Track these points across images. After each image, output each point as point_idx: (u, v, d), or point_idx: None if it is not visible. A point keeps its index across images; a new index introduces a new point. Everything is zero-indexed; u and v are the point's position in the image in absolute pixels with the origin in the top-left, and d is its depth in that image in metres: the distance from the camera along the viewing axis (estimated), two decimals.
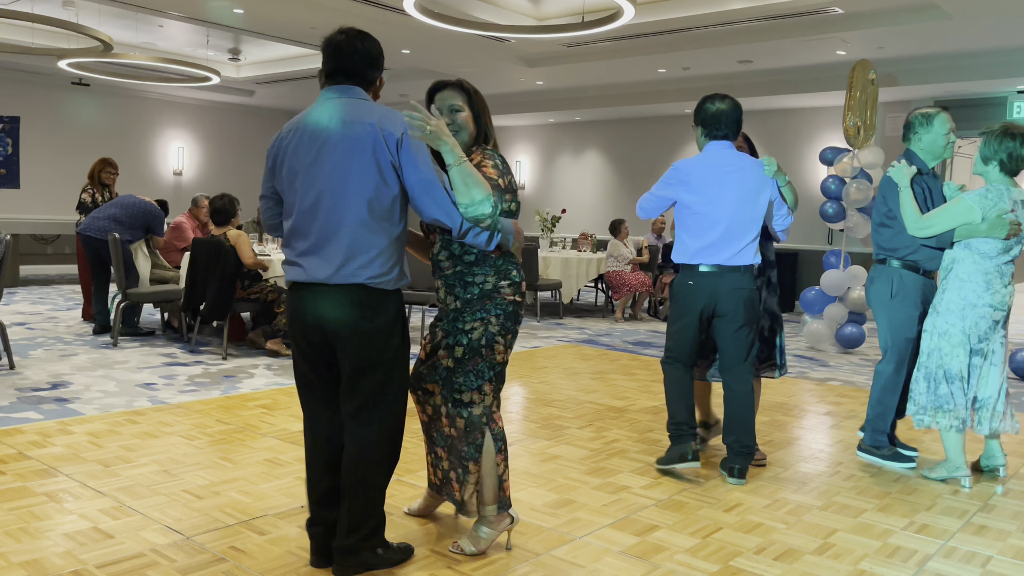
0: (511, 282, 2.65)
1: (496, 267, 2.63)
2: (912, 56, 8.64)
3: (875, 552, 2.87)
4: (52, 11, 8.81)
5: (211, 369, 5.68)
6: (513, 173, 2.65)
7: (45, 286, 10.73)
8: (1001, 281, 3.54)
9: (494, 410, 2.70)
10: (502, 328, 2.63)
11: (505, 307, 2.64)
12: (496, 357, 2.65)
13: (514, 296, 2.65)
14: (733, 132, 3.62)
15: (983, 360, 3.58)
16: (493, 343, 2.63)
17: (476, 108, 2.71)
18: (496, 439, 2.69)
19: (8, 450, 3.69)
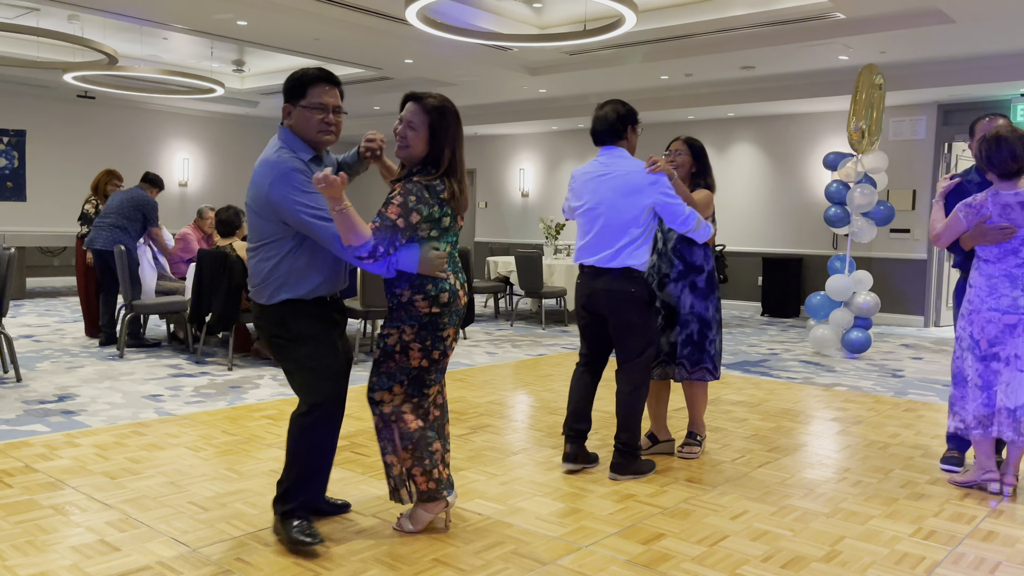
0: (425, 295, 2.78)
1: (411, 282, 2.80)
2: (915, 60, 8.63)
3: (883, 559, 2.86)
4: (57, 25, 8.86)
5: (217, 380, 5.69)
6: (447, 198, 2.79)
7: (52, 298, 10.77)
8: (1011, 285, 3.50)
9: (404, 410, 2.86)
10: (416, 337, 2.81)
11: (419, 318, 2.80)
12: (411, 363, 2.83)
13: (430, 308, 2.79)
14: (613, 136, 3.68)
15: (1004, 366, 3.52)
16: (407, 349, 2.82)
17: (435, 130, 2.77)
18: (403, 437, 2.86)
19: (15, 463, 3.70)
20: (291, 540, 2.77)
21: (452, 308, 2.84)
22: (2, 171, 11.82)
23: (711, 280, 3.92)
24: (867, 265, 9.61)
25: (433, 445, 2.90)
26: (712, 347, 3.92)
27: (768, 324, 10.12)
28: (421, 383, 2.88)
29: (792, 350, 7.89)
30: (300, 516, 2.83)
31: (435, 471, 2.89)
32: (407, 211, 2.70)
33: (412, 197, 2.71)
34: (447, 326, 2.85)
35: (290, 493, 2.85)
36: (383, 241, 2.66)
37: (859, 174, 7.32)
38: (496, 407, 5.11)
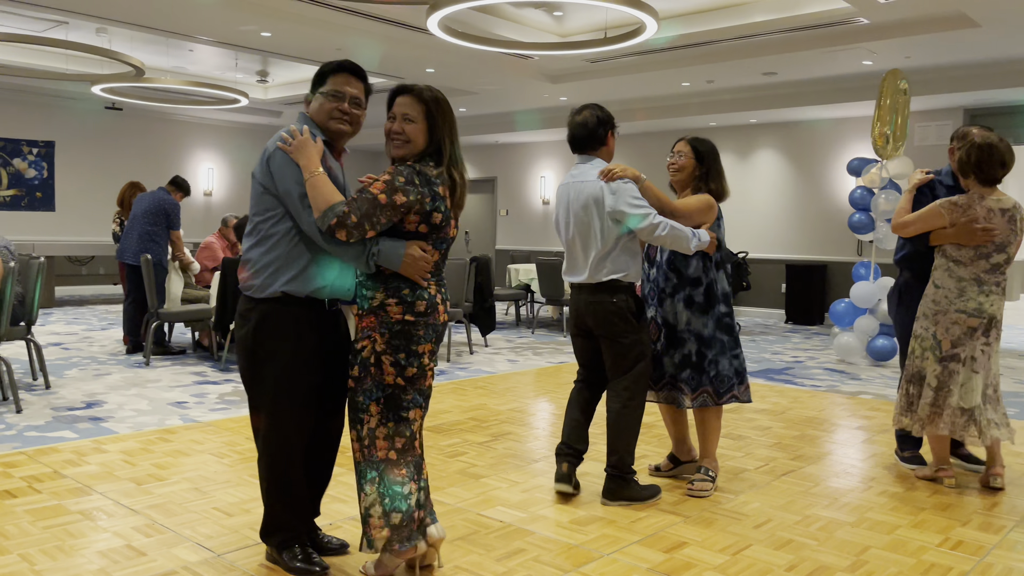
0: (400, 300, 2.53)
1: (386, 283, 2.55)
2: (940, 65, 8.55)
3: (909, 569, 2.83)
4: (86, 38, 9.02)
5: (241, 387, 5.74)
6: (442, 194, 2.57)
7: (80, 307, 10.93)
8: (978, 289, 3.60)
9: (378, 435, 2.55)
10: (388, 346, 2.53)
11: (391, 325, 2.53)
12: (384, 377, 2.54)
13: (403, 315, 2.53)
14: (594, 143, 3.50)
15: (961, 366, 3.63)
16: (380, 361, 2.54)
17: (434, 119, 2.61)
18: (366, 466, 2.57)
19: (44, 469, 3.76)
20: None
21: (429, 321, 2.56)
22: (32, 181, 12.03)
23: (711, 293, 3.58)
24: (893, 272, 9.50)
25: (404, 486, 2.54)
26: (713, 368, 3.53)
27: (792, 332, 10.03)
28: (397, 405, 2.56)
29: (816, 358, 7.81)
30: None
31: (395, 515, 2.52)
32: (392, 189, 2.48)
33: (401, 178, 2.51)
34: (423, 340, 2.55)
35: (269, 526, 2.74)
36: (357, 211, 2.44)
37: (884, 180, 7.26)
38: (517, 415, 5.11)
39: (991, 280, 3.62)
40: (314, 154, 2.54)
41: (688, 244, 3.37)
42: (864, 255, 10.10)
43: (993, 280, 3.63)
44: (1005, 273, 3.66)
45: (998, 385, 3.72)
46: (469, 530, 3.10)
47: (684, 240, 3.36)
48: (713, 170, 3.72)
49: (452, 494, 3.51)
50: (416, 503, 2.57)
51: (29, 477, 3.62)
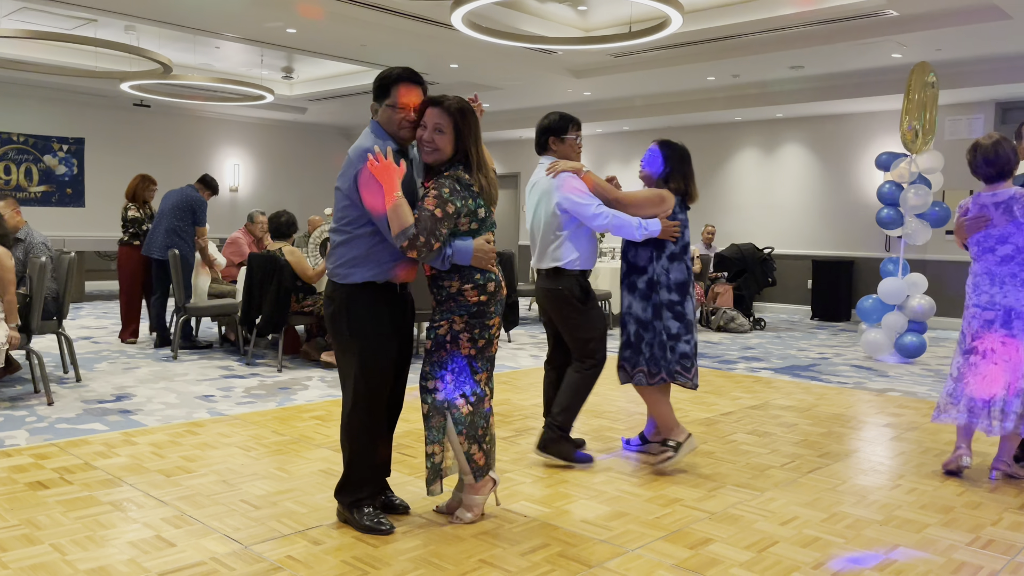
0: (474, 285, 2.95)
1: (460, 273, 2.95)
2: (971, 58, 8.41)
3: (939, 568, 2.79)
4: (114, 35, 9.14)
5: (267, 381, 5.79)
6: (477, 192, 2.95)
7: (109, 301, 11.08)
8: (989, 282, 3.75)
9: (456, 399, 2.99)
10: (466, 326, 2.97)
11: (469, 308, 2.96)
12: (461, 351, 2.99)
13: (478, 297, 2.96)
14: (539, 148, 3.94)
15: (981, 359, 3.75)
16: (457, 339, 2.98)
17: (460, 130, 2.93)
18: (457, 423, 2.99)
19: (75, 460, 3.82)
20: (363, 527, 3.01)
21: (497, 297, 3.00)
22: (62, 178, 12.21)
23: (654, 282, 3.74)
24: (922, 268, 9.38)
25: (481, 429, 3.05)
26: (648, 350, 3.75)
27: (818, 328, 9.94)
28: (470, 371, 3.01)
29: (843, 354, 7.74)
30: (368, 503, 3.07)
31: (484, 452, 3.06)
32: (443, 202, 2.84)
33: (446, 189, 2.86)
34: (494, 315, 3.00)
35: (347, 485, 3.07)
36: (424, 231, 2.79)
37: (913, 174, 7.16)
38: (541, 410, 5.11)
39: (1005, 272, 3.72)
40: (396, 179, 2.82)
41: (633, 232, 3.68)
42: (892, 251, 9.98)
43: (1007, 272, 3.71)
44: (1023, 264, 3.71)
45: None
46: (493, 524, 3.10)
47: (629, 229, 3.67)
48: (676, 171, 3.86)
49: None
50: (490, 444, 3.10)
51: (61, 468, 3.68)
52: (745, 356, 7.53)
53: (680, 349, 3.75)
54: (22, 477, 3.55)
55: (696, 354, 3.84)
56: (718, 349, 7.95)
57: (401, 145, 3.00)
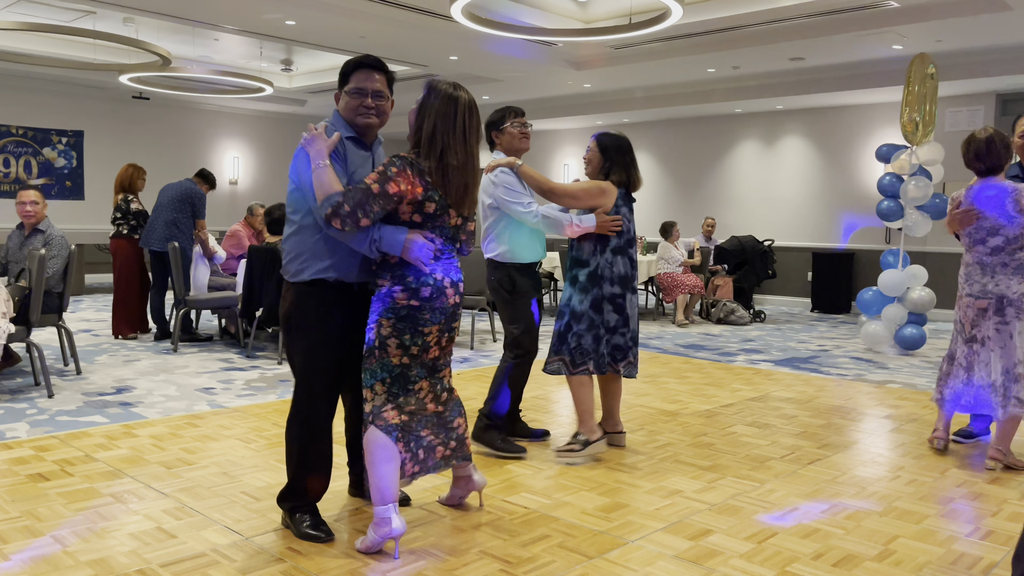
0: (405, 287, 2.68)
1: (392, 271, 2.71)
2: (972, 49, 8.39)
3: (938, 559, 2.80)
4: (113, 28, 9.10)
5: (267, 374, 5.79)
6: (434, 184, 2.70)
7: (109, 294, 11.08)
8: (980, 272, 3.87)
9: (384, 410, 2.73)
10: (394, 330, 2.69)
11: (397, 311, 2.68)
12: (391, 358, 2.71)
13: (408, 301, 2.67)
14: (489, 142, 3.98)
15: (981, 347, 3.89)
16: (386, 345, 2.70)
17: (421, 107, 2.77)
18: (388, 432, 2.71)
19: (76, 452, 3.82)
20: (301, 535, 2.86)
21: (435, 305, 2.70)
22: (61, 170, 12.19)
23: (595, 275, 3.73)
24: (922, 260, 9.37)
25: (420, 431, 2.81)
26: (575, 340, 3.74)
27: (818, 320, 9.94)
28: (405, 380, 2.75)
29: (843, 346, 7.74)
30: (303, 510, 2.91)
31: (419, 452, 2.80)
32: (384, 179, 2.62)
33: (393, 168, 2.64)
34: (428, 323, 2.71)
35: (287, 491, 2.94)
36: (351, 201, 2.57)
37: (913, 166, 7.15)
38: (541, 402, 5.12)
39: (996, 262, 3.84)
40: (322, 146, 2.69)
41: (565, 230, 3.71)
42: (892, 243, 9.97)
43: (999, 261, 3.84)
44: (1018, 253, 3.81)
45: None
46: (494, 516, 3.11)
47: (559, 225, 3.72)
48: (616, 163, 3.84)
49: None
50: (434, 443, 2.87)
51: (61, 460, 3.69)
52: (745, 348, 7.53)
53: (615, 342, 3.78)
54: (23, 469, 3.55)
55: (631, 346, 3.83)
56: (718, 341, 7.95)
57: (359, 132, 2.85)
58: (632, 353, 3.85)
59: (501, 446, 3.89)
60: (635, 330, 3.86)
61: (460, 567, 2.65)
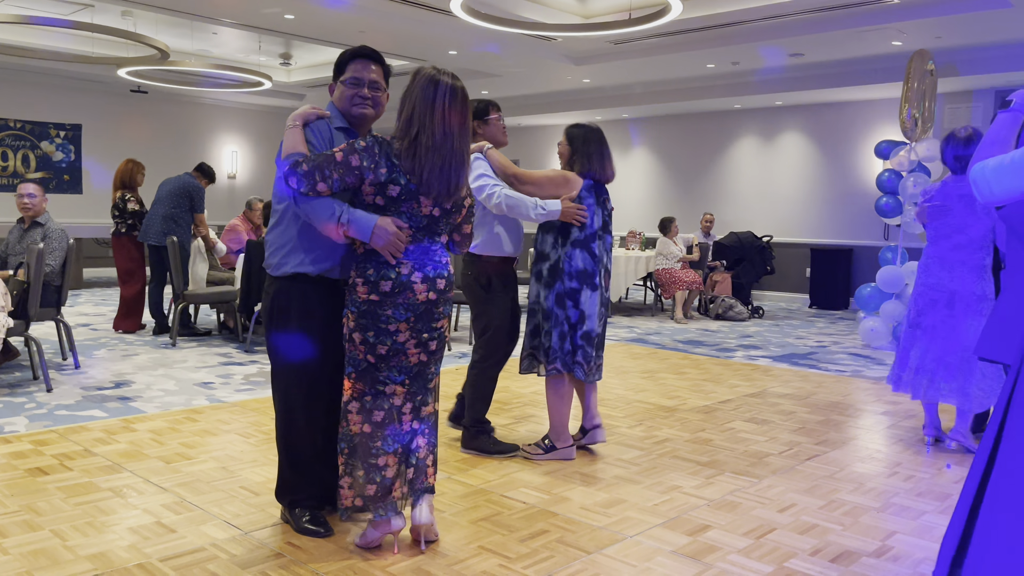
0: (365, 279, 2.59)
1: (357, 263, 2.64)
2: (971, 45, 8.39)
3: (935, 555, 2.80)
4: (111, 21, 9.08)
5: (266, 368, 5.79)
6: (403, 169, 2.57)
7: (107, 288, 11.07)
8: (939, 266, 4.01)
9: (350, 409, 2.65)
10: (357, 325, 2.61)
11: (359, 304, 2.60)
12: (357, 354, 2.63)
13: (368, 295, 2.58)
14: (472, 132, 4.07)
15: (923, 333, 4.05)
16: (352, 338, 2.64)
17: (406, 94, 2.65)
18: (340, 438, 2.67)
19: (75, 447, 3.82)
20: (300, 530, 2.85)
21: (398, 300, 2.57)
22: (59, 164, 12.17)
23: (556, 269, 3.64)
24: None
25: (379, 458, 2.62)
26: (547, 340, 3.65)
27: (816, 316, 9.96)
28: (372, 380, 2.64)
29: (841, 343, 7.75)
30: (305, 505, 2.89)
31: (369, 487, 2.62)
32: (349, 150, 2.54)
33: (362, 143, 2.57)
34: (391, 320, 2.58)
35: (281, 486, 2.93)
36: (311, 161, 2.52)
37: (912, 163, 7.15)
38: (539, 397, 5.12)
39: (955, 259, 3.97)
40: (302, 112, 2.70)
41: (528, 212, 3.57)
42: (891, 239, 9.98)
43: (958, 259, 3.96)
44: (977, 252, 3.94)
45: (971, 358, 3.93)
46: (492, 511, 3.12)
47: (523, 208, 3.58)
48: (580, 152, 3.76)
49: (476, 475, 3.54)
50: (395, 476, 2.65)
51: (60, 455, 3.69)
52: (743, 344, 7.54)
53: (579, 343, 3.64)
54: (22, 463, 3.55)
55: (595, 346, 3.69)
56: (716, 337, 7.96)
57: (354, 123, 2.83)
58: (584, 354, 3.65)
59: (493, 449, 3.82)
60: (592, 330, 3.65)
61: (458, 562, 2.65)
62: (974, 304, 3.93)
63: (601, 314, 3.72)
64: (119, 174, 7.27)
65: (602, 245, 3.71)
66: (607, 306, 3.83)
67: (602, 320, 3.75)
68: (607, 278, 3.78)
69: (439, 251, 2.69)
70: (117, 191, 7.24)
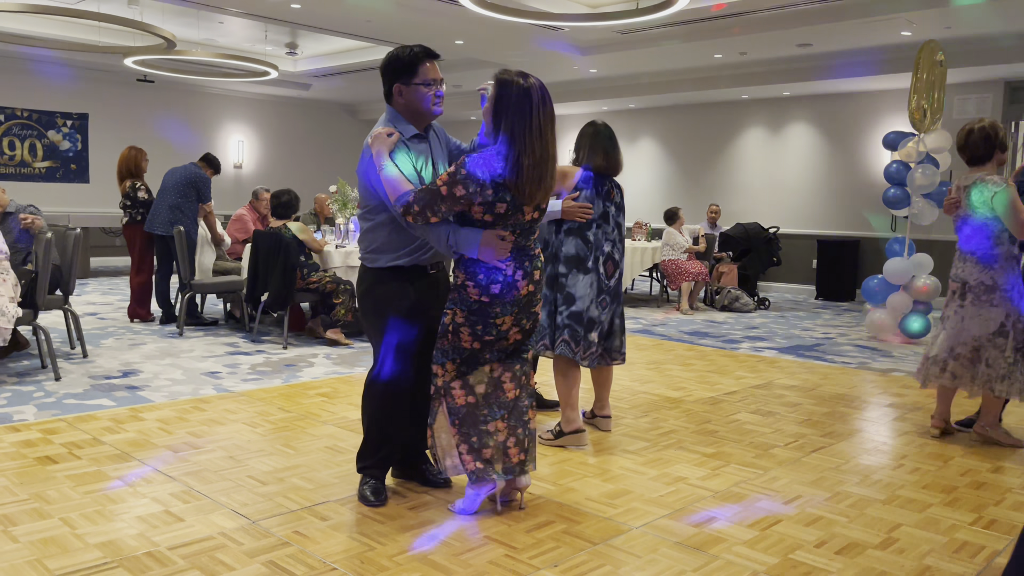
0: (476, 283, 2.79)
1: (466, 266, 2.82)
2: (981, 36, 8.33)
3: (941, 547, 2.81)
4: (117, 10, 9.08)
5: (272, 358, 5.81)
6: (505, 185, 2.72)
7: (114, 277, 11.11)
8: (957, 257, 4.13)
9: (453, 386, 2.88)
10: (467, 321, 2.83)
11: (470, 304, 2.82)
12: (462, 343, 2.85)
13: (480, 296, 2.80)
14: None
15: (942, 324, 4.17)
16: (459, 331, 2.85)
17: (496, 101, 2.78)
18: (450, 412, 2.89)
19: (83, 436, 3.85)
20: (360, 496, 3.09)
21: (505, 299, 2.81)
22: (66, 154, 12.20)
23: (551, 255, 3.85)
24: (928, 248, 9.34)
25: (487, 424, 2.89)
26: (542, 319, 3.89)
27: (822, 308, 9.94)
28: (475, 362, 2.89)
29: (847, 335, 7.74)
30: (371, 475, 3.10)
31: (485, 451, 2.88)
32: (453, 182, 2.69)
33: (463, 171, 2.70)
34: (499, 315, 2.83)
35: (362, 452, 3.15)
36: (420, 201, 2.70)
37: (921, 154, 7.11)
38: (549, 388, 5.13)
39: (966, 250, 4.07)
40: (384, 148, 2.84)
41: None
42: (898, 231, 9.94)
43: (968, 250, 4.05)
44: (984, 244, 3.97)
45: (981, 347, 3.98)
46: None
47: None
48: (577, 146, 4.01)
49: None
50: (506, 440, 2.90)
51: (69, 443, 3.71)
52: (749, 336, 7.53)
53: (564, 322, 3.79)
54: (31, 452, 3.58)
55: (590, 329, 3.78)
56: (722, 328, 7.95)
57: (419, 128, 3.00)
58: (572, 334, 3.77)
59: None
60: (581, 311, 3.76)
61: (465, 552, 2.67)
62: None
63: (602, 300, 3.83)
64: (122, 162, 7.28)
65: (602, 233, 3.81)
66: (614, 294, 3.89)
67: (606, 306, 3.86)
68: (610, 265, 3.84)
69: (534, 245, 2.90)
70: (125, 180, 7.26)
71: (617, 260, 3.89)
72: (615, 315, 3.94)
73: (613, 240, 3.85)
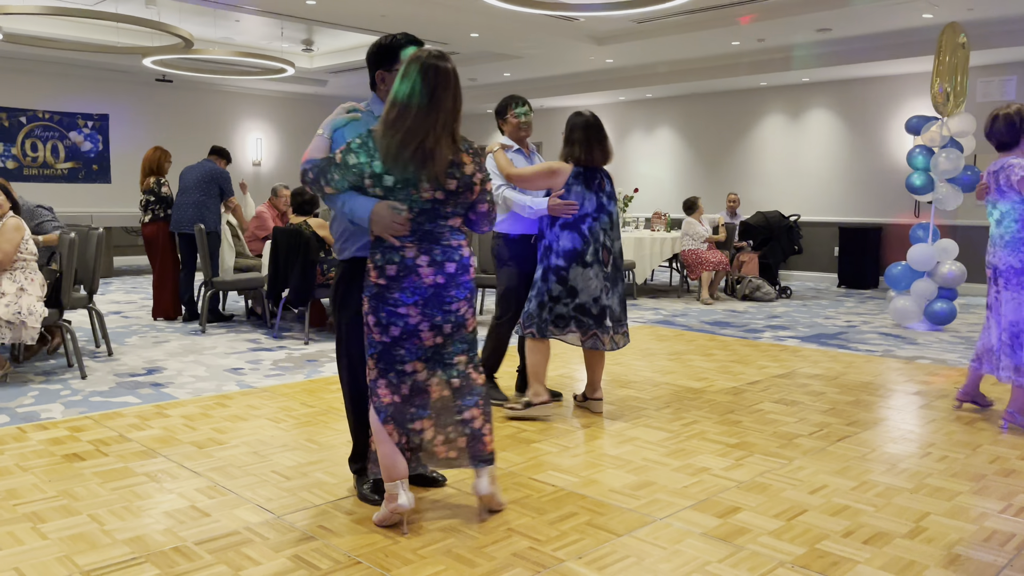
0: (374, 264, 2.68)
1: (371, 248, 2.73)
2: (1004, 17, 8.19)
3: (970, 536, 2.77)
4: (135, 10, 9.14)
5: (294, 354, 5.84)
6: (377, 156, 2.61)
7: (137, 276, 11.22)
8: (990, 242, 4.13)
9: (379, 384, 2.72)
10: (371, 308, 2.70)
11: (370, 287, 2.70)
12: (373, 335, 2.71)
13: (377, 279, 2.66)
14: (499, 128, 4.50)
15: (989, 312, 4.16)
16: (367, 321, 2.73)
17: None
18: (377, 411, 2.74)
19: (110, 432, 3.89)
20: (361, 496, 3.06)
21: (404, 284, 2.63)
22: (88, 154, 12.32)
23: (547, 248, 4.07)
24: (952, 233, 9.22)
25: (414, 423, 2.74)
26: (528, 305, 4.11)
27: (845, 296, 9.84)
28: (391, 359, 2.69)
29: (871, 322, 7.66)
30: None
31: (410, 448, 2.77)
32: (346, 150, 2.64)
33: (358, 140, 2.65)
34: (400, 303, 2.64)
35: (353, 455, 3.14)
36: (314, 168, 2.67)
37: (944, 138, 7.01)
38: (566, 380, 5.12)
39: (996, 235, 4.10)
40: (328, 120, 2.84)
41: (523, 212, 4.10)
42: (922, 217, 9.81)
43: (998, 234, 4.08)
44: (1011, 227, 3.99)
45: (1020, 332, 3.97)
46: (522, 494, 3.12)
47: (518, 208, 4.11)
48: (565, 141, 4.19)
49: (504, 459, 3.55)
50: (434, 439, 2.78)
51: (96, 441, 3.76)
52: (771, 325, 7.47)
53: (557, 311, 4.04)
54: (59, 449, 3.62)
55: (592, 315, 4.03)
56: (743, 318, 7.90)
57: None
58: (579, 324, 4.04)
59: (492, 395, 4.21)
60: (586, 303, 4.01)
61: (489, 544, 2.67)
62: None
63: (604, 287, 4.04)
64: (147, 161, 7.31)
65: (598, 225, 4.03)
66: (615, 279, 4.11)
67: (609, 292, 4.07)
68: (608, 254, 4.07)
69: (449, 234, 2.70)
70: (149, 178, 7.28)
71: (609, 247, 4.08)
72: (621, 300, 4.18)
73: (606, 229, 4.07)
